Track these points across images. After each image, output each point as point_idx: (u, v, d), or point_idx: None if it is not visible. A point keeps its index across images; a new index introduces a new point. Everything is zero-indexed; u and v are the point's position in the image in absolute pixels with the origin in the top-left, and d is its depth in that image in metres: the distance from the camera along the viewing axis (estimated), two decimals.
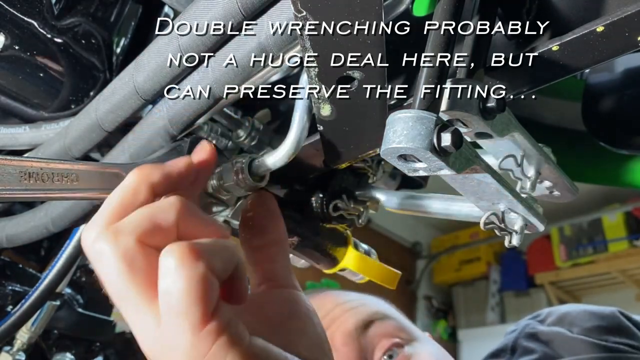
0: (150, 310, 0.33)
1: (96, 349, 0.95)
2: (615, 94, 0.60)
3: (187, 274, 0.31)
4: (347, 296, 0.77)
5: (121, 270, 0.32)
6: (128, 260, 0.32)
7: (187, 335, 0.31)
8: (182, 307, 0.31)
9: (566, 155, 0.55)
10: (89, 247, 0.34)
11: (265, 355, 0.34)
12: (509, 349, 0.81)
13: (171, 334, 0.32)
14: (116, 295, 0.34)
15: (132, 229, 0.33)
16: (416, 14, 0.35)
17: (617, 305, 0.84)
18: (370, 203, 0.54)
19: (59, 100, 0.58)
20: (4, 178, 0.38)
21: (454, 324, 3.98)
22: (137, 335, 0.34)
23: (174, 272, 0.31)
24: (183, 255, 0.31)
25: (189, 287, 0.31)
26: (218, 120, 0.53)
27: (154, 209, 0.34)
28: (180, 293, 0.31)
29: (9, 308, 0.79)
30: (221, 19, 0.37)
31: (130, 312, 0.34)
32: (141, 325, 0.33)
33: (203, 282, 0.31)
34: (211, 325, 0.31)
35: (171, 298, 0.31)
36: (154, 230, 0.34)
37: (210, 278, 0.32)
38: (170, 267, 0.31)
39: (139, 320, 0.33)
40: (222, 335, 0.32)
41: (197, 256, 0.31)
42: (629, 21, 0.29)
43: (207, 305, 0.31)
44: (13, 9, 0.52)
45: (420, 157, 0.30)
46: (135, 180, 0.36)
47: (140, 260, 0.33)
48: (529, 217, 0.40)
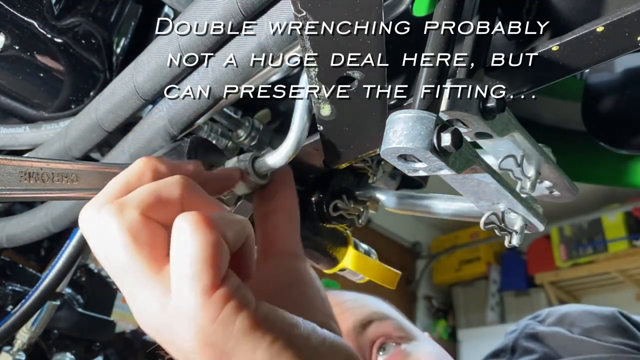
0: (156, 280, 0.33)
1: (96, 349, 0.95)
2: (615, 94, 0.60)
3: (201, 239, 0.31)
4: (345, 296, 0.77)
5: (126, 242, 0.32)
6: (133, 232, 0.33)
7: (197, 300, 0.31)
8: (195, 270, 0.31)
9: (566, 155, 0.55)
10: (90, 220, 0.34)
11: (272, 318, 0.34)
12: (509, 349, 0.81)
13: (180, 300, 0.32)
14: (119, 269, 0.33)
15: (137, 202, 0.34)
16: (416, 14, 0.35)
17: (617, 305, 0.84)
18: (370, 203, 0.54)
19: (59, 100, 0.58)
20: (4, 178, 0.38)
21: (454, 324, 3.98)
22: (139, 309, 0.34)
23: (189, 237, 0.31)
24: (198, 221, 0.32)
25: (203, 252, 0.31)
26: (218, 120, 0.53)
27: (159, 185, 0.35)
28: (194, 257, 0.31)
29: (9, 308, 0.79)
30: (221, 19, 0.37)
31: (132, 285, 0.33)
32: (144, 298, 0.33)
33: (216, 247, 0.32)
34: (221, 291, 0.32)
35: (184, 262, 0.31)
36: (159, 204, 0.34)
37: (222, 245, 0.32)
38: (184, 231, 0.31)
39: (143, 293, 0.33)
40: (231, 300, 0.32)
41: (211, 223, 0.32)
42: (629, 21, 0.29)
43: (219, 271, 0.32)
44: (13, 9, 0.52)
45: (420, 157, 0.30)
46: (141, 165, 0.37)
47: (145, 233, 0.33)
48: (529, 217, 0.40)
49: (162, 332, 0.33)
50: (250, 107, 0.57)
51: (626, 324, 0.75)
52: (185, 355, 0.33)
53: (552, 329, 0.79)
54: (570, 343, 0.74)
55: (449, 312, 4.05)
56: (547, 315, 0.83)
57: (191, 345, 0.32)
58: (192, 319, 0.31)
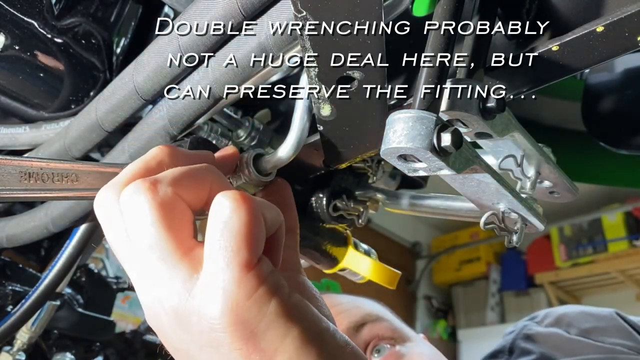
0: (183, 261, 0.31)
1: (96, 349, 0.95)
2: (615, 94, 0.60)
3: (243, 213, 0.31)
4: (339, 299, 0.77)
5: (157, 219, 0.31)
6: (166, 209, 0.31)
7: (235, 273, 0.30)
8: (235, 243, 0.30)
9: (566, 155, 0.55)
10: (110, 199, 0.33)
11: (304, 307, 0.33)
12: (506, 350, 0.81)
13: (214, 275, 0.30)
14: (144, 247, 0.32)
15: (171, 180, 0.33)
16: (416, 14, 0.35)
17: (616, 305, 0.84)
18: (370, 203, 0.54)
19: (59, 100, 0.58)
20: (4, 178, 0.38)
21: (454, 324, 3.98)
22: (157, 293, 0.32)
23: (231, 211, 0.31)
24: (239, 197, 0.31)
25: (244, 226, 0.30)
26: (218, 120, 0.53)
27: (190, 168, 0.34)
28: (235, 230, 0.30)
29: (9, 308, 0.79)
30: (221, 19, 0.37)
31: (155, 266, 0.32)
32: (167, 279, 0.32)
33: (257, 223, 0.31)
34: (258, 269, 0.31)
35: (224, 235, 0.30)
36: (191, 186, 0.33)
37: (262, 223, 0.32)
38: (226, 206, 0.31)
39: (167, 274, 0.32)
40: (267, 280, 0.31)
41: (252, 202, 0.31)
42: (629, 21, 0.30)
43: (257, 249, 0.31)
44: (13, 9, 0.52)
45: (420, 157, 0.30)
46: (158, 152, 0.36)
47: (178, 211, 0.32)
48: (529, 217, 0.40)
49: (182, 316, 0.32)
50: (250, 107, 0.57)
51: (623, 325, 0.75)
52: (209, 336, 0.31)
53: (549, 329, 0.79)
54: (568, 344, 0.74)
55: (448, 312, 4.05)
56: (545, 316, 0.83)
57: (221, 322, 0.30)
58: (227, 294, 0.30)
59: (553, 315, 0.82)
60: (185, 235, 0.32)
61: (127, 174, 0.34)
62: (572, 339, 0.75)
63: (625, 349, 0.71)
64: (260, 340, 0.31)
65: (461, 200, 0.48)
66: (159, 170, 0.34)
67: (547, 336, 0.78)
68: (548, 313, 0.83)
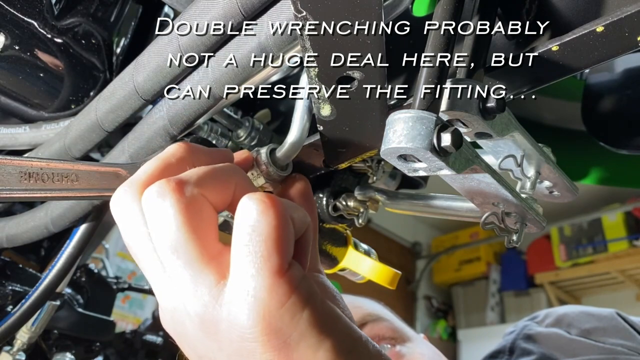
0: (209, 266, 0.30)
1: (96, 349, 0.95)
2: (615, 94, 0.60)
3: (271, 218, 0.29)
4: None
5: (183, 221, 0.29)
6: (193, 211, 0.30)
7: (266, 280, 0.29)
8: (265, 249, 0.29)
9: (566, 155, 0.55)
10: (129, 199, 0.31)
11: (337, 316, 0.32)
12: (507, 351, 0.81)
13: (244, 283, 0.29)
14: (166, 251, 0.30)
15: (197, 180, 0.31)
16: (416, 14, 0.35)
17: (617, 305, 0.84)
18: (370, 203, 0.54)
19: (59, 100, 0.58)
20: (4, 178, 0.38)
21: (454, 324, 3.98)
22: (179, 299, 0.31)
23: (259, 215, 0.29)
24: (266, 199, 0.29)
25: (273, 231, 0.29)
26: (218, 120, 0.53)
27: (216, 168, 0.33)
28: (263, 236, 0.29)
29: (9, 308, 0.79)
30: (221, 19, 0.37)
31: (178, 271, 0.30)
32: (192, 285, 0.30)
33: (287, 227, 0.30)
34: (289, 276, 0.29)
35: (253, 240, 0.29)
36: (216, 187, 0.32)
37: (291, 227, 0.30)
38: (253, 210, 0.29)
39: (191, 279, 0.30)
40: (300, 288, 0.30)
41: (280, 204, 0.30)
42: (629, 21, 0.30)
43: (287, 254, 0.30)
44: (13, 9, 0.52)
45: (420, 157, 0.30)
46: (178, 149, 0.34)
47: (204, 214, 0.30)
48: (529, 217, 0.40)
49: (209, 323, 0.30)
50: (250, 107, 0.57)
51: (624, 325, 0.75)
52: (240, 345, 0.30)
53: (550, 330, 0.79)
54: (568, 344, 0.74)
55: (448, 312, 4.05)
56: (545, 316, 0.83)
57: (253, 331, 0.29)
58: (258, 301, 0.29)
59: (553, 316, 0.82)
60: (211, 239, 0.31)
61: (147, 172, 0.32)
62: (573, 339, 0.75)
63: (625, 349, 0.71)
64: (293, 351, 0.29)
65: (461, 200, 0.48)
66: (180, 169, 0.33)
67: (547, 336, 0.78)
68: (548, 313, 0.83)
